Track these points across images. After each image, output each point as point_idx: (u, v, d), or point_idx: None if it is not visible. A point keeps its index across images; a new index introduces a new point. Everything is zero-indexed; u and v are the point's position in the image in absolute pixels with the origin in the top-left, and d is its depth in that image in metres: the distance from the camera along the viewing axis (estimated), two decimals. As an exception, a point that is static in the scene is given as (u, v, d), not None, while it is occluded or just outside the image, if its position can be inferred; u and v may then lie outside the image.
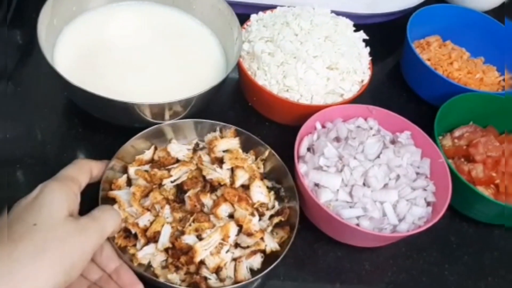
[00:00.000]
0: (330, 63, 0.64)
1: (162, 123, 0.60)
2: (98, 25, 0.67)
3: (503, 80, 0.80)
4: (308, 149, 0.62)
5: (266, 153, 0.60)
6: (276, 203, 0.58)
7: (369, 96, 0.77)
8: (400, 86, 0.80)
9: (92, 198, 0.54)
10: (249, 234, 0.52)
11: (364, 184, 0.58)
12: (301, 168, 0.58)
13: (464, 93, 0.70)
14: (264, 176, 0.60)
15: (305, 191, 0.55)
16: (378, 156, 0.60)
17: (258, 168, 0.60)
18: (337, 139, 0.61)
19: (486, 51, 0.83)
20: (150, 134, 0.59)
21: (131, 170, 0.58)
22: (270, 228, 0.55)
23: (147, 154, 0.60)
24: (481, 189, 0.64)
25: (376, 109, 0.64)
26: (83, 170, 0.51)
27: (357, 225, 0.55)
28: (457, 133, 0.71)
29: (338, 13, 0.74)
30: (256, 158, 0.61)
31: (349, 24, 0.70)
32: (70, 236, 0.42)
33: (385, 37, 0.86)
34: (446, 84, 0.71)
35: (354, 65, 0.65)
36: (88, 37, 0.65)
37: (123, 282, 0.48)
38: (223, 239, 0.51)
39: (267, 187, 0.59)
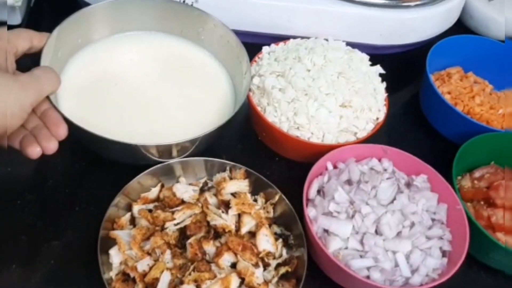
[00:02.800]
0: (343, 100, 0.63)
1: (171, 161, 0.59)
2: (103, 57, 0.67)
3: (528, 115, 0.78)
4: (319, 191, 0.61)
5: (277, 197, 0.60)
6: (284, 251, 0.57)
7: (385, 130, 0.76)
8: (417, 120, 0.79)
9: (92, 237, 0.54)
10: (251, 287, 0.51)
11: (376, 232, 0.57)
12: (310, 212, 0.58)
13: (485, 132, 0.68)
14: (273, 221, 0.60)
15: (313, 238, 0.54)
16: (392, 202, 0.58)
17: (268, 212, 0.60)
18: (349, 182, 0.60)
19: (510, 83, 0.82)
20: (158, 171, 0.59)
21: (135, 208, 0.58)
22: (275, 279, 0.55)
23: (153, 193, 0.60)
24: (501, 236, 0.63)
25: (391, 150, 0.64)
26: (22, 36, 0.53)
27: (368, 276, 0.54)
28: (477, 173, 0.70)
29: (353, 44, 0.73)
30: (266, 201, 0.60)
31: (364, 58, 0.69)
32: (9, 89, 0.45)
33: (402, 67, 0.85)
34: (466, 122, 0.70)
35: (369, 102, 0.64)
36: (92, 71, 0.65)
37: (49, 122, 0.51)
38: (224, 291, 0.51)
39: (276, 234, 0.59)
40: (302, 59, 0.65)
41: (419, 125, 0.79)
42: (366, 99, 0.64)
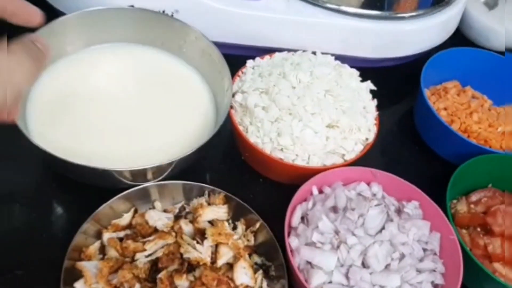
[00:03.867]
0: (330, 120, 0.60)
1: (146, 185, 0.56)
2: (78, 71, 0.64)
3: (528, 134, 0.75)
4: (303, 218, 0.57)
5: (257, 225, 0.56)
6: (265, 283, 0.54)
7: (377, 149, 0.72)
8: (411, 137, 0.76)
9: (55, 264, 0.51)
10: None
11: (363, 264, 0.53)
12: (292, 242, 0.54)
13: (482, 153, 0.65)
14: (254, 250, 0.56)
15: (294, 271, 0.51)
16: (380, 231, 0.55)
17: (248, 240, 0.56)
18: (334, 209, 0.57)
19: (510, 98, 0.78)
20: (132, 195, 0.56)
21: (105, 236, 0.54)
22: None
23: (125, 219, 0.57)
24: (498, 267, 0.59)
25: (381, 173, 0.60)
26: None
27: (352, 314, 0.50)
28: (473, 197, 0.66)
29: (345, 58, 0.70)
30: (246, 228, 0.57)
31: (354, 73, 0.66)
32: None
33: (397, 80, 0.82)
34: (462, 142, 0.66)
35: (358, 122, 0.61)
36: (65, 86, 0.62)
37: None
38: (196, 330, 0.47)
39: (256, 264, 0.55)
40: (287, 76, 0.62)
41: (413, 143, 0.75)
42: (355, 119, 0.60)
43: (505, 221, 0.62)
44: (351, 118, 0.60)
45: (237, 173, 0.67)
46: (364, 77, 0.68)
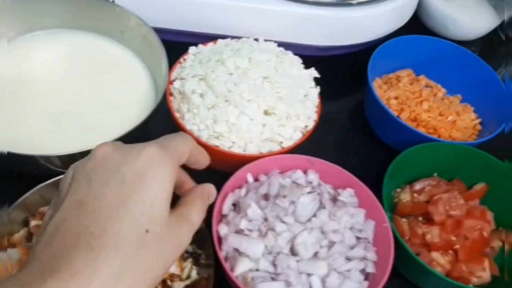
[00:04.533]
0: (266, 107, 0.59)
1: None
2: (14, 58, 0.63)
3: (480, 123, 0.74)
4: (236, 206, 0.57)
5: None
6: (195, 272, 0.53)
7: (326, 137, 0.72)
8: (362, 127, 0.75)
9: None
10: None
11: (292, 252, 0.53)
12: (222, 230, 0.54)
13: (426, 142, 0.64)
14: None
15: (219, 258, 0.50)
16: (311, 219, 0.54)
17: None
18: (266, 196, 0.56)
19: (463, 88, 0.78)
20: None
21: (32, 223, 0.54)
22: None
23: (54, 206, 0.56)
24: (436, 256, 0.59)
25: (318, 161, 0.59)
26: (187, 145, 0.40)
27: (277, 302, 0.50)
28: (417, 186, 0.65)
29: (293, 45, 0.69)
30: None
31: (295, 61, 0.65)
32: (166, 241, 0.35)
33: (351, 69, 0.81)
34: (407, 131, 0.65)
35: (296, 109, 0.60)
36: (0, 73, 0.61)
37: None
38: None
39: (187, 252, 0.55)
40: (225, 62, 0.61)
41: (363, 133, 0.75)
42: (293, 106, 0.60)
43: (446, 211, 0.61)
44: (288, 105, 0.59)
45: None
46: (316, 66, 0.67)
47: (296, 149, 0.61)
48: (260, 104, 0.59)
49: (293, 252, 0.53)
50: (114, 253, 0.32)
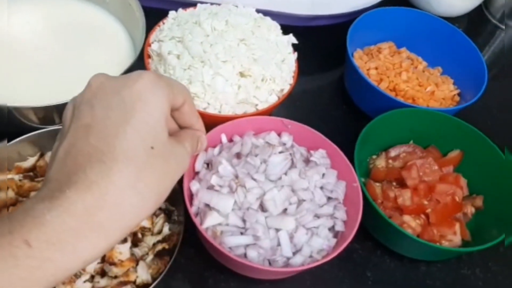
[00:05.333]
0: (241, 69, 0.60)
1: (54, 127, 0.56)
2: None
3: (459, 94, 0.75)
4: (209, 165, 0.58)
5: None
6: (167, 228, 0.54)
7: (307, 105, 0.73)
8: (342, 97, 0.76)
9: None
10: (112, 263, 0.48)
11: (262, 209, 0.53)
12: (194, 186, 0.54)
13: (401, 108, 0.65)
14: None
15: (188, 212, 0.51)
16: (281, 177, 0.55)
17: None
18: (238, 155, 0.57)
19: (444, 61, 0.78)
20: (38, 138, 0.56)
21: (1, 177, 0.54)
22: (150, 257, 0.51)
23: (29, 162, 0.57)
24: (408, 219, 0.60)
25: (293, 124, 0.60)
26: (184, 91, 0.42)
27: (245, 255, 0.51)
28: (392, 152, 0.66)
29: (275, 14, 0.70)
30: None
31: (273, 26, 0.66)
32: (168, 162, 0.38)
33: (335, 41, 0.81)
34: (383, 98, 0.66)
35: (271, 72, 0.61)
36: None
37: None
38: (80, 266, 0.48)
39: (160, 209, 0.55)
40: (202, 24, 0.62)
41: (343, 103, 0.75)
42: (267, 68, 0.60)
43: (420, 176, 0.62)
44: (263, 67, 0.60)
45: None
46: (300, 36, 0.67)
47: (275, 115, 0.61)
48: (235, 65, 0.59)
49: (262, 208, 0.53)
50: (126, 165, 0.34)
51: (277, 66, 0.62)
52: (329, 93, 0.76)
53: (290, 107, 0.72)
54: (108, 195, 0.33)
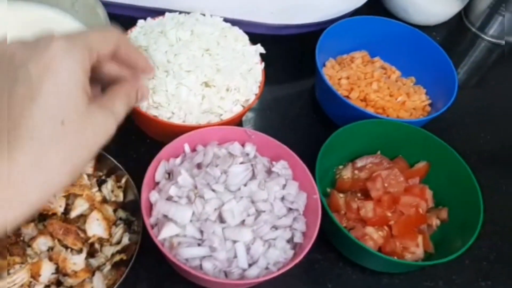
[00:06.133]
0: (205, 79, 0.60)
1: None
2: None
3: (430, 105, 0.75)
4: (170, 175, 0.58)
5: (123, 180, 0.57)
6: (126, 238, 0.55)
7: (277, 115, 0.74)
8: (312, 106, 0.76)
9: None
10: (65, 274, 0.49)
11: (221, 220, 0.54)
12: (152, 196, 0.55)
13: (367, 119, 0.65)
14: (120, 206, 0.57)
15: (145, 225, 0.51)
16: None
17: (116, 196, 0.57)
18: (199, 165, 0.57)
19: (417, 70, 0.79)
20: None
21: None
22: (108, 267, 0.52)
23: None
24: (370, 230, 0.60)
25: (256, 134, 0.61)
26: (108, 40, 0.41)
27: (200, 267, 0.51)
28: (359, 163, 0.67)
29: (242, 23, 0.70)
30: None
31: (240, 36, 0.66)
32: (85, 128, 0.37)
33: (308, 50, 0.82)
34: (350, 108, 0.67)
35: (236, 82, 0.61)
36: None
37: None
38: (33, 277, 0.48)
39: (120, 219, 0.56)
40: (167, 33, 0.62)
41: (313, 112, 0.76)
42: (231, 79, 0.61)
43: (385, 188, 0.63)
44: (226, 78, 0.60)
45: (124, 132, 0.67)
46: (272, 46, 0.68)
47: (244, 124, 0.62)
48: (199, 75, 0.60)
49: (221, 219, 0.54)
50: (30, 144, 0.34)
51: (242, 76, 0.63)
52: (300, 102, 0.77)
53: (260, 116, 0.73)
54: (12, 175, 0.33)
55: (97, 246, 0.53)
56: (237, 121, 0.63)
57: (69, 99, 0.36)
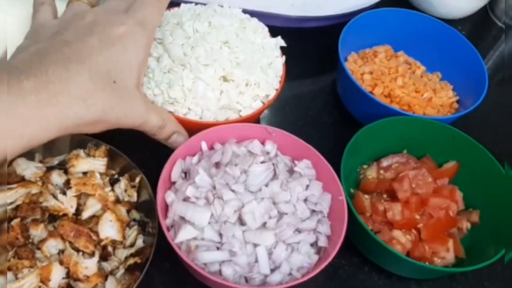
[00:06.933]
0: (224, 73, 0.57)
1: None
2: None
3: (458, 102, 0.72)
4: (186, 174, 0.55)
5: (137, 179, 0.54)
6: (141, 240, 0.52)
7: (297, 111, 0.71)
8: (333, 103, 0.73)
9: None
10: (77, 279, 0.46)
11: (241, 222, 0.51)
12: (168, 197, 0.52)
13: (394, 115, 0.62)
14: (134, 206, 0.54)
15: (161, 226, 0.49)
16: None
17: (129, 196, 0.55)
18: (217, 164, 0.54)
19: (443, 65, 0.76)
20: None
21: None
22: (121, 271, 0.49)
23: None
24: (398, 234, 0.57)
25: (277, 131, 0.58)
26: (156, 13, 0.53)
27: (220, 272, 0.48)
28: (385, 162, 0.64)
29: (262, 15, 0.67)
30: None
31: (260, 28, 0.63)
32: None
33: (330, 44, 0.79)
34: (374, 104, 0.64)
35: (256, 76, 0.59)
36: None
37: None
38: (42, 282, 0.46)
39: (134, 220, 0.54)
40: (184, 25, 0.59)
41: (334, 109, 0.73)
42: (251, 73, 0.58)
43: (412, 188, 0.60)
44: (246, 72, 0.58)
45: (138, 131, 0.65)
46: (292, 39, 0.65)
47: (263, 121, 0.59)
48: (217, 69, 0.57)
49: (241, 222, 0.51)
50: (85, 79, 0.41)
51: (262, 71, 0.60)
52: (321, 98, 0.74)
53: (279, 113, 0.70)
54: (61, 96, 0.39)
55: (110, 249, 0.51)
56: (257, 118, 0.60)
57: (125, 69, 0.45)
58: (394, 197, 0.60)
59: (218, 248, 0.50)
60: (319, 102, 0.73)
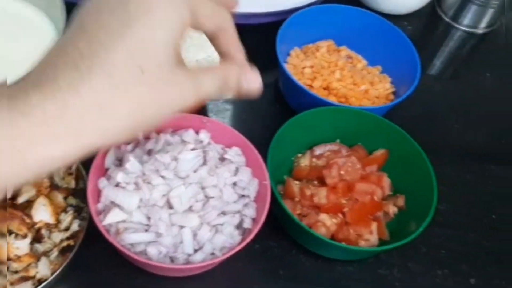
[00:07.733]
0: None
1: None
2: None
3: (394, 93, 0.76)
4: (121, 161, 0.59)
5: (73, 167, 0.58)
6: (76, 225, 0.55)
7: (238, 104, 0.74)
8: (276, 97, 0.77)
9: None
10: (9, 259, 0.49)
11: (169, 206, 0.54)
12: (101, 183, 0.55)
13: (324, 106, 0.66)
14: (71, 193, 0.58)
15: (90, 211, 0.52)
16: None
17: (67, 183, 0.58)
18: (149, 152, 0.58)
19: (383, 59, 0.79)
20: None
21: None
22: (55, 253, 0.53)
23: None
24: (324, 217, 0.60)
25: (211, 121, 0.61)
26: (215, 20, 0.39)
27: (145, 252, 0.52)
28: (317, 151, 0.67)
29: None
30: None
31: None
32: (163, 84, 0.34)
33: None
34: (309, 97, 0.67)
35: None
36: None
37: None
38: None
39: (71, 205, 0.57)
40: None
41: (276, 102, 0.76)
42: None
43: (341, 175, 0.63)
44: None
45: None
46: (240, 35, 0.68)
47: (204, 114, 0.62)
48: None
49: (170, 206, 0.54)
50: (101, 80, 0.31)
51: (198, 64, 0.63)
52: (264, 93, 0.76)
53: (223, 105, 0.74)
54: (71, 107, 0.30)
55: (44, 232, 0.54)
56: (197, 110, 0.64)
57: (157, 50, 0.33)
58: (324, 183, 0.64)
59: (146, 231, 0.53)
60: (263, 96, 0.76)
